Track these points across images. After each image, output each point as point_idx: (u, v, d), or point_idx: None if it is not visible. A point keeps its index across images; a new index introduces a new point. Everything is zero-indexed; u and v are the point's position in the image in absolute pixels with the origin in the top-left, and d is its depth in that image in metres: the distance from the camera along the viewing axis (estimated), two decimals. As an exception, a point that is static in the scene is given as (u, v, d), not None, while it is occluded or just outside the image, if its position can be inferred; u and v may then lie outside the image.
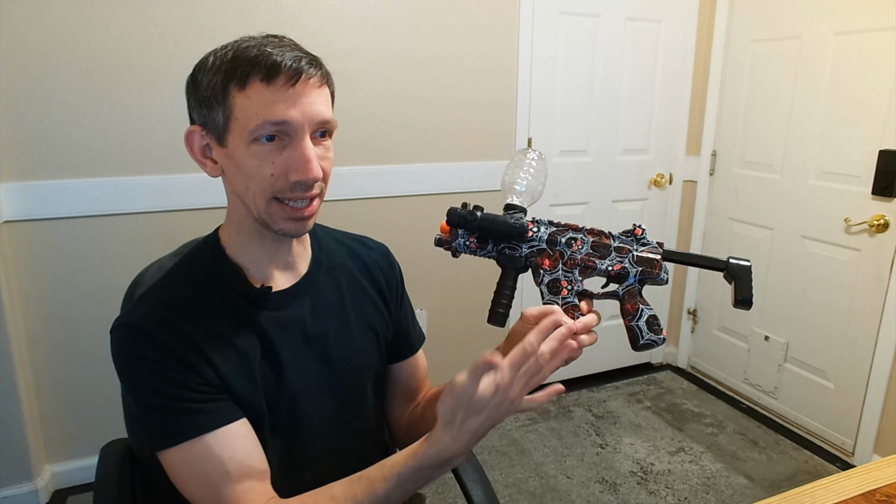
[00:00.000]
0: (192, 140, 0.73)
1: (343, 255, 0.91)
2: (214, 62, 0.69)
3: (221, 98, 0.68)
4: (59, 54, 1.71)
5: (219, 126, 0.70)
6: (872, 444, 2.11)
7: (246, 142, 0.68)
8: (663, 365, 2.99)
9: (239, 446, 0.71)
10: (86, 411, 1.95)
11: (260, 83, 0.67)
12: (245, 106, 0.67)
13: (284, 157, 0.69)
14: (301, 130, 0.69)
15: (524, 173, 0.77)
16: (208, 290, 0.76)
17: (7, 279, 1.76)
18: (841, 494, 0.86)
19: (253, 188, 0.70)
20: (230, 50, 0.69)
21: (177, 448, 0.69)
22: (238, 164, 0.70)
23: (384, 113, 2.13)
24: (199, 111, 0.71)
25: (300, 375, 0.80)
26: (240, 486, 0.69)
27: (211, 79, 0.69)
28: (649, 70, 2.58)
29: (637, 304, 0.71)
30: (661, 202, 2.78)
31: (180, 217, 1.94)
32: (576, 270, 0.73)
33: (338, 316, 0.86)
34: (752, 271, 0.70)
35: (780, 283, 2.42)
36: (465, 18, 2.19)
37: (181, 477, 0.70)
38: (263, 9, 1.90)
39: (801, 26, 2.24)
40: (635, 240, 0.73)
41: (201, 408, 0.70)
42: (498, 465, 2.17)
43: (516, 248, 0.74)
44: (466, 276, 2.39)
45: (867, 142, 2.04)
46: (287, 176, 0.69)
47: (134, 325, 0.72)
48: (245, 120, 0.67)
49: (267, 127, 0.67)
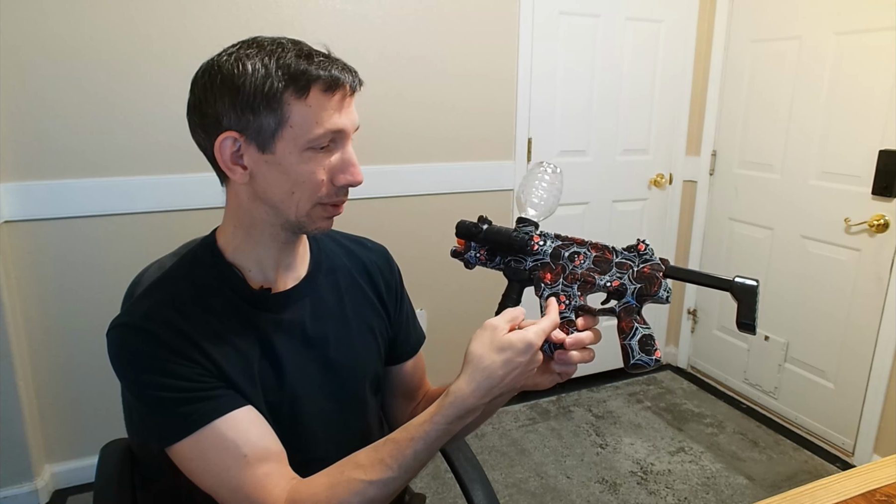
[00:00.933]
0: (225, 146, 0.70)
1: (342, 256, 0.91)
2: (258, 68, 0.67)
3: (276, 105, 0.67)
4: (58, 54, 1.71)
5: (266, 132, 0.68)
6: (872, 444, 2.11)
7: (300, 148, 0.69)
8: (663, 365, 2.99)
9: (252, 429, 0.70)
10: (86, 411, 1.95)
11: (321, 93, 0.69)
12: (304, 113, 0.68)
13: (333, 161, 0.72)
14: (348, 138, 0.74)
15: (537, 188, 0.77)
16: (209, 290, 0.76)
17: (7, 279, 1.76)
18: (841, 494, 0.86)
19: (300, 193, 0.72)
20: (269, 56, 0.68)
21: (187, 440, 0.68)
22: (286, 169, 0.70)
23: (384, 113, 2.13)
24: (237, 116, 0.68)
25: (301, 377, 0.80)
26: (259, 470, 0.68)
27: (262, 82, 0.67)
28: (649, 70, 2.58)
29: (632, 323, 0.70)
30: (661, 202, 2.78)
31: (180, 217, 1.94)
32: (575, 285, 0.72)
33: (337, 318, 0.86)
34: (757, 292, 0.66)
35: (780, 283, 2.42)
36: (465, 18, 2.19)
37: (197, 469, 0.69)
38: (263, 9, 1.90)
39: (801, 26, 2.24)
40: (638, 255, 0.71)
41: (207, 395, 0.70)
42: (498, 465, 2.17)
43: (521, 262, 0.75)
44: (467, 276, 2.38)
45: (867, 142, 2.04)
46: (333, 180, 0.73)
47: (132, 324, 0.72)
48: (303, 127, 0.68)
49: (328, 135, 0.70)
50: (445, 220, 2.33)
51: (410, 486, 1.05)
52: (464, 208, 2.35)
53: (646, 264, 0.70)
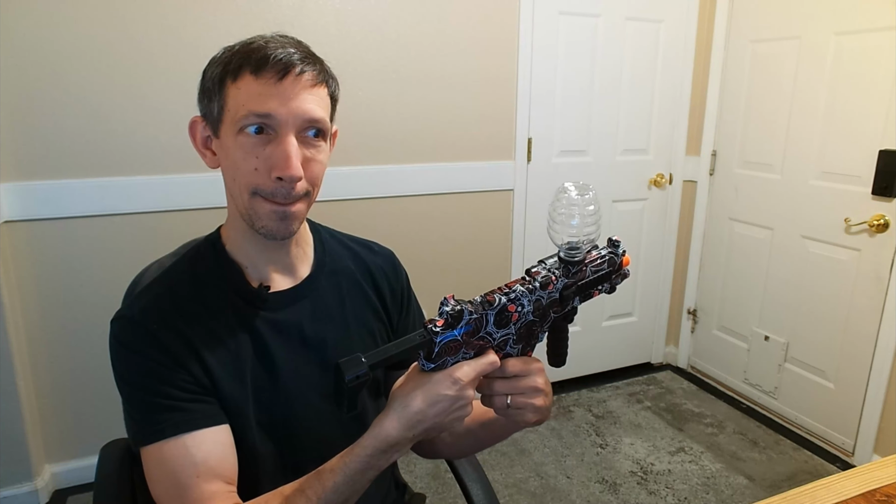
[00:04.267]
0: (195, 130, 0.76)
1: (347, 258, 0.90)
2: (219, 56, 0.73)
3: (218, 89, 0.71)
4: (58, 55, 1.71)
5: (214, 117, 0.72)
6: (872, 444, 2.11)
7: (234, 132, 0.70)
8: (663, 365, 2.99)
9: (214, 452, 0.70)
10: (86, 411, 1.95)
11: (250, 75, 0.68)
12: (235, 97, 0.69)
13: (268, 151, 0.70)
14: (286, 126, 0.69)
15: (554, 218, 0.68)
16: (208, 287, 0.77)
17: (7, 279, 1.76)
18: (841, 494, 0.86)
19: (238, 180, 0.72)
20: (236, 45, 0.72)
21: (153, 446, 0.69)
22: (226, 154, 0.73)
23: (383, 112, 2.13)
24: (201, 102, 0.74)
25: (296, 378, 0.80)
26: (206, 489, 0.68)
27: (213, 70, 0.72)
28: (649, 70, 2.58)
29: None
30: (661, 202, 2.78)
31: (180, 217, 1.94)
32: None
33: (337, 321, 0.85)
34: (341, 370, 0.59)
35: (780, 283, 2.42)
36: (466, 18, 2.19)
37: (152, 475, 0.70)
38: (263, 9, 1.90)
39: (801, 26, 2.24)
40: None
41: (183, 406, 0.70)
42: (498, 465, 2.17)
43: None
44: (465, 278, 2.39)
45: (867, 142, 2.04)
46: (270, 172, 0.70)
47: (131, 318, 0.73)
48: (234, 110, 0.70)
49: (251, 118, 0.68)
50: (445, 220, 2.33)
51: (410, 487, 1.05)
52: (464, 208, 2.35)
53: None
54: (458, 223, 2.35)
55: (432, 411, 0.63)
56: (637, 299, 2.85)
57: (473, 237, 2.39)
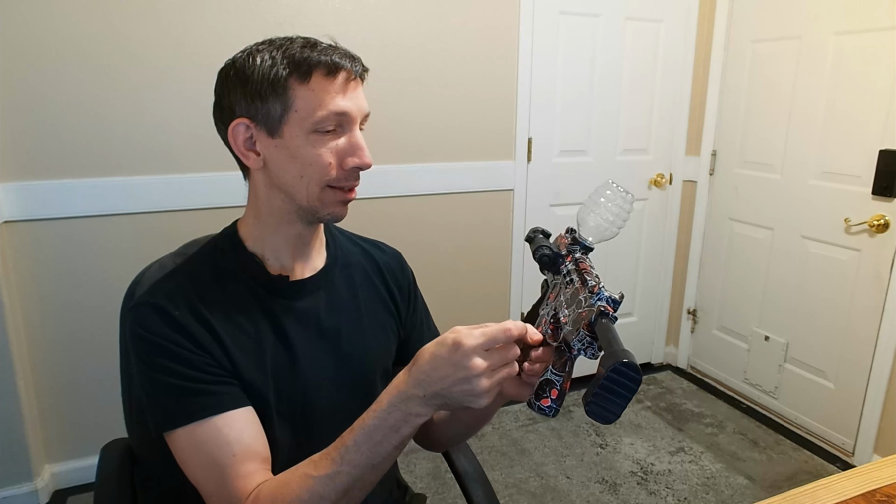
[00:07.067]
0: (238, 132, 0.75)
1: (357, 254, 0.93)
2: (266, 59, 0.73)
3: (281, 90, 0.72)
4: (59, 54, 1.71)
5: (273, 117, 0.73)
6: (872, 444, 2.11)
7: (306, 132, 0.73)
8: (663, 365, 2.99)
9: (246, 431, 0.72)
10: (86, 411, 1.94)
11: (323, 77, 0.72)
12: (307, 97, 0.72)
13: (340, 145, 0.75)
14: (355, 122, 0.75)
15: (601, 210, 0.70)
16: (228, 275, 0.79)
17: (7, 279, 1.76)
18: (841, 494, 0.86)
19: (309, 176, 0.74)
20: (276, 49, 0.73)
21: (184, 429, 0.70)
22: (294, 153, 0.74)
23: (384, 112, 2.13)
24: (248, 104, 0.74)
25: (313, 367, 0.82)
26: (244, 468, 0.69)
27: (268, 72, 0.72)
28: (649, 70, 2.58)
29: (546, 365, 0.67)
30: (661, 202, 2.78)
31: (180, 217, 1.93)
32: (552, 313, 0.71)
33: (351, 311, 0.88)
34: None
35: (780, 282, 2.42)
36: (465, 18, 2.19)
37: (188, 459, 0.71)
38: (263, 8, 1.90)
39: (801, 26, 2.24)
40: (590, 295, 0.63)
41: (211, 390, 0.72)
42: (498, 465, 2.17)
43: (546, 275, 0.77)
44: (466, 276, 2.39)
45: (867, 142, 2.04)
46: (342, 164, 0.75)
47: (154, 304, 0.74)
48: (307, 110, 0.72)
49: (331, 117, 0.72)
50: (445, 220, 2.33)
51: (410, 487, 1.05)
52: (464, 208, 2.35)
53: (585, 309, 0.62)
54: (459, 223, 2.35)
55: (435, 374, 0.61)
56: (637, 299, 2.85)
57: (473, 237, 2.39)
